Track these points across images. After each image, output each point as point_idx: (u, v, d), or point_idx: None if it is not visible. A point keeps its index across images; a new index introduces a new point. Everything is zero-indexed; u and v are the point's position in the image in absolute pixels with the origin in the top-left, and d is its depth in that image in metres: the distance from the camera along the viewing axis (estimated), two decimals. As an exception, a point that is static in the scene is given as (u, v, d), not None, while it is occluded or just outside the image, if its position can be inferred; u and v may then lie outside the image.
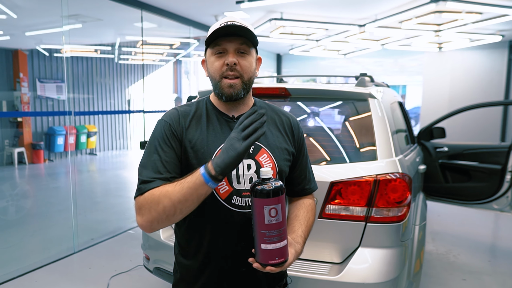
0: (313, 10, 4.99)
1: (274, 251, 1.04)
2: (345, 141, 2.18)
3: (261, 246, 1.05)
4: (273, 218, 1.03)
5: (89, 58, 9.65)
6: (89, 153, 9.95)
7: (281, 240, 1.05)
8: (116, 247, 3.90)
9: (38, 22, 5.61)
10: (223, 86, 1.17)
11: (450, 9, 4.47)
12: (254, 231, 1.07)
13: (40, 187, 6.63)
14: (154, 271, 2.38)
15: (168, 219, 1.08)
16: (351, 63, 8.73)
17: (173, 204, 1.05)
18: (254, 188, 1.04)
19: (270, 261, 1.05)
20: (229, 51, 1.17)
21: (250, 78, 1.21)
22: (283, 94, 2.26)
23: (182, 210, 1.06)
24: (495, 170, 3.57)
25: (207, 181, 1.03)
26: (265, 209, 1.02)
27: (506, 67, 6.73)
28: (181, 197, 1.04)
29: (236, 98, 1.19)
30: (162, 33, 6.70)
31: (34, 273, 3.29)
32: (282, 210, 1.05)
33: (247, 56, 1.19)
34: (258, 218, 1.04)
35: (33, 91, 8.39)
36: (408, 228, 2.06)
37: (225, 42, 1.16)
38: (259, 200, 1.03)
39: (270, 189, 1.03)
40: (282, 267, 1.08)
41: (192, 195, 1.04)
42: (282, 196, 1.05)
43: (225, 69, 1.16)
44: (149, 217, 1.08)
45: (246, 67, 1.18)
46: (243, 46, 1.18)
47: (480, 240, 4.37)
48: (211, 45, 1.19)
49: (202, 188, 1.04)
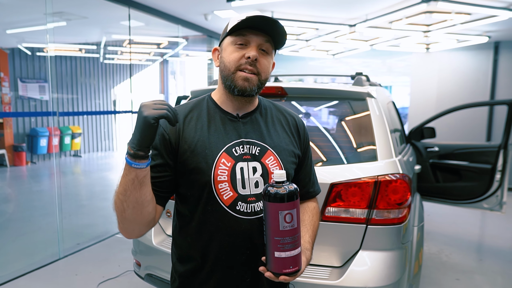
0: (304, 10, 4.95)
1: (288, 259, 0.97)
2: (343, 142, 2.13)
3: (275, 254, 0.97)
4: (288, 224, 0.96)
5: (74, 58, 9.42)
6: (74, 155, 9.71)
7: (296, 248, 0.98)
8: (104, 252, 3.78)
9: (20, 19, 5.43)
10: (237, 78, 1.09)
11: (441, 10, 4.49)
12: (267, 238, 0.99)
13: (22, 190, 6.42)
14: (146, 278, 2.29)
15: (124, 218, 1.01)
16: (339, 63, 8.75)
17: (119, 198, 0.99)
18: (268, 192, 0.97)
19: (284, 270, 0.98)
20: (252, 44, 1.09)
21: (266, 79, 1.14)
22: (280, 94, 2.20)
23: (128, 204, 0.98)
24: (485, 169, 3.59)
25: (130, 163, 0.95)
26: (280, 214, 0.95)
27: (491, 68, 6.83)
28: (121, 189, 0.98)
29: (249, 94, 1.11)
30: (150, 32, 6.57)
31: (18, 281, 3.14)
32: (297, 215, 0.98)
33: (268, 56, 1.12)
34: (272, 224, 0.97)
35: (14, 91, 8.14)
36: (408, 230, 2.02)
37: (250, 34, 1.08)
38: (273, 204, 0.96)
39: (285, 193, 0.96)
40: (295, 276, 1.01)
41: (127, 184, 0.96)
42: (297, 201, 0.98)
43: (243, 62, 1.08)
44: (118, 223, 1.04)
45: (265, 66, 1.11)
46: (267, 44, 1.10)
47: (471, 239, 4.40)
48: (234, 34, 1.10)
49: (130, 172, 0.95)
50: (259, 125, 1.18)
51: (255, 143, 1.14)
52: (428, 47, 7.03)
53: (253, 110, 1.20)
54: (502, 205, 3.54)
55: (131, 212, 0.99)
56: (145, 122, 0.92)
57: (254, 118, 1.19)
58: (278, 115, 1.25)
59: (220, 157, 1.09)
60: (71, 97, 9.59)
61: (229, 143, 1.12)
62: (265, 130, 1.18)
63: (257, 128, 1.17)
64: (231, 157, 1.11)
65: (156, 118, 0.92)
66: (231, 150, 1.11)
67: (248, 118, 1.18)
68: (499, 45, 6.71)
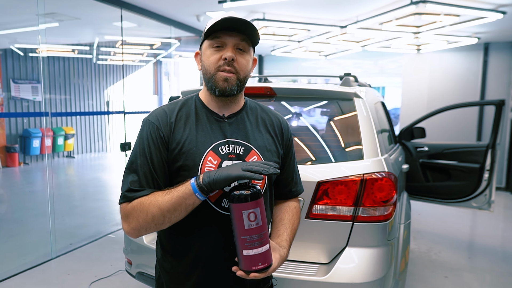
0: (296, 11, 4.99)
1: (256, 257, 1.02)
2: (331, 141, 2.17)
3: (243, 253, 1.03)
4: (252, 222, 1.01)
5: (66, 58, 9.39)
6: (67, 155, 9.68)
7: (263, 245, 1.03)
8: (96, 252, 3.79)
9: (12, 20, 5.41)
10: (217, 79, 1.14)
11: (430, 11, 4.56)
12: (235, 238, 1.05)
13: (15, 191, 6.39)
14: (137, 276, 2.31)
15: (156, 227, 1.08)
16: (331, 64, 8.80)
17: (162, 213, 1.05)
18: (231, 194, 1.03)
19: (253, 267, 1.03)
20: (228, 45, 1.13)
21: (245, 76, 1.18)
22: (269, 94, 2.24)
23: (170, 219, 1.07)
24: (473, 169, 3.65)
25: (195, 191, 1.03)
26: (244, 214, 1.01)
27: (481, 68, 6.92)
28: (170, 207, 1.04)
29: (229, 93, 1.15)
30: (142, 33, 6.57)
31: (9, 281, 3.15)
32: (262, 214, 1.03)
33: (245, 54, 1.16)
34: (237, 224, 1.02)
35: (7, 92, 8.10)
36: (394, 227, 2.06)
37: (225, 36, 1.13)
38: (237, 205, 1.02)
39: (248, 194, 1.01)
40: (266, 272, 1.05)
41: (181, 205, 1.04)
42: (261, 200, 1.04)
43: (221, 63, 1.13)
44: (137, 225, 1.08)
45: (243, 64, 1.15)
46: (243, 43, 1.14)
47: (460, 237, 4.46)
48: (210, 37, 1.15)
49: (190, 198, 1.04)
50: (245, 125, 1.22)
51: (239, 143, 1.18)
52: (419, 48, 7.11)
53: (239, 110, 1.24)
54: (491, 204, 3.60)
55: (167, 225, 1.09)
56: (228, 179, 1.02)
57: (240, 118, 1.23)
58: (263, 115, 1.29)
59: (207, 155, 1.13)
60: (64, 98, 9.56)
61: (215, 142, 1.16)
62: (250, 130, 1.22)
63: (242, 128, 1.21)
64: (218, 155, 1.15)
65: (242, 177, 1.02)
66: (217, 149, 1.16)
67: (234, 119, 1.22)
68: (488, 46, 6.80)
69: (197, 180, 1.04)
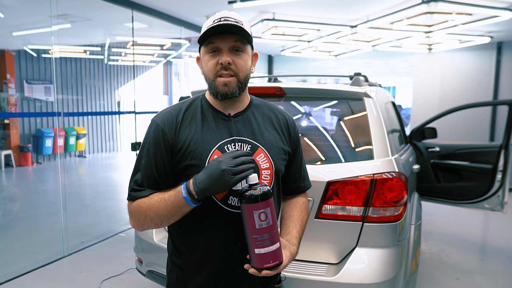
0: (306, 11, 4.98)
1: (268, 255, 1.05)
2: (340, 141, 2.16)
3: (255, 251, 1.06)
4: (263, 222, 1.04)
5: (78, 59, 9.53)
6: (79, 155, 9.81)
7: (274, 243, 1.06)
8: (107, 250, 3.83)
9: (26, 21, 5.51)
10: (217, 85, 1.15)
11: (441, 10, 4.50)
12: (247, 237, 1.08)
13: (28, 190, 6.50)
14: (147, 274, 2.33)
15: (156, 226, 1.15)
16: (341, 64, 8.76)
17: (159, 217, 1.11)
18: (243, 195, 1.05)
19: (265, 265, 1.06)
20: (223, 49, 1.13)
21: (246, 76, 1.18)
22: (278, 94, 2.24)
23: (169, 222, 1.12)
24: (486, 169, 3.59)
25: (190, 203, 1.07)
26: (255, 214, 1.03)
27: (494, 68, 6.81)
28: (166, 213, 1.10)
29: (232, 96, 1.17)
30: (153, 34, 6.63)
31: (23, 278, 3.20)
32: (272, 213, 1.06)
33: (242, 54, 1.16)
34: (249, 224, 1.05)
35: (20, 93, 8.24)
36: (404, 228, 2.05)
37: (218, 40, 1.13)
38: (248, 206, 1.04)
39: (258, 194, 1.04)
40: (277, 269, 1.08)
41: (177, 212, 1.09)
42: (271, 200, 1.06)
43: (219, 68, 1.13)
44: (138, 223, 1.16)
45: (241, 65, 1.15)
46: (237, 43, 1.14)
47: (472, 239, 4.40)
48: (204, 43, 1.16)
49: (185, 207, 1.08)
50: (251, 123, 1.23)
51: (246, 141, 1.19)
52: (430, 47, 7.03)
53: (244, 108, 1.25)
54: (503, 205, 3.55)
55: (167, 225, 1.15)
56: (226, 188, 1.04)
57: (246, 116, 1.23)
58: (269, 113, 1.30)
59: (213, 154, 1.14)
60: (76, 98, 9.69)
61: (221, 140, 1.17)
62: (256, 128, 1.23)
63: (248, 127, 1.22)
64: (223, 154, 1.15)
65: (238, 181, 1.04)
66: (223, 147, 1.17)
67: (240, 117, 1.22)
68: (502, 45, 6.70)
69: (188, 189, 1.06)
